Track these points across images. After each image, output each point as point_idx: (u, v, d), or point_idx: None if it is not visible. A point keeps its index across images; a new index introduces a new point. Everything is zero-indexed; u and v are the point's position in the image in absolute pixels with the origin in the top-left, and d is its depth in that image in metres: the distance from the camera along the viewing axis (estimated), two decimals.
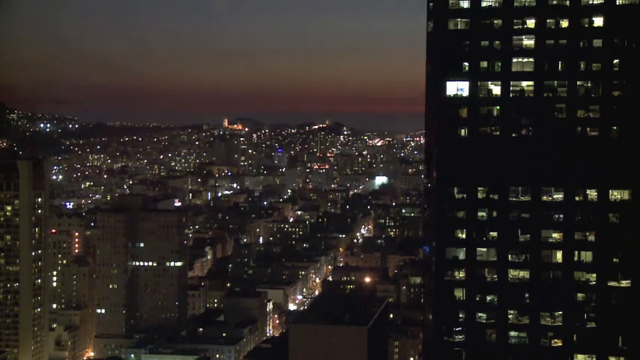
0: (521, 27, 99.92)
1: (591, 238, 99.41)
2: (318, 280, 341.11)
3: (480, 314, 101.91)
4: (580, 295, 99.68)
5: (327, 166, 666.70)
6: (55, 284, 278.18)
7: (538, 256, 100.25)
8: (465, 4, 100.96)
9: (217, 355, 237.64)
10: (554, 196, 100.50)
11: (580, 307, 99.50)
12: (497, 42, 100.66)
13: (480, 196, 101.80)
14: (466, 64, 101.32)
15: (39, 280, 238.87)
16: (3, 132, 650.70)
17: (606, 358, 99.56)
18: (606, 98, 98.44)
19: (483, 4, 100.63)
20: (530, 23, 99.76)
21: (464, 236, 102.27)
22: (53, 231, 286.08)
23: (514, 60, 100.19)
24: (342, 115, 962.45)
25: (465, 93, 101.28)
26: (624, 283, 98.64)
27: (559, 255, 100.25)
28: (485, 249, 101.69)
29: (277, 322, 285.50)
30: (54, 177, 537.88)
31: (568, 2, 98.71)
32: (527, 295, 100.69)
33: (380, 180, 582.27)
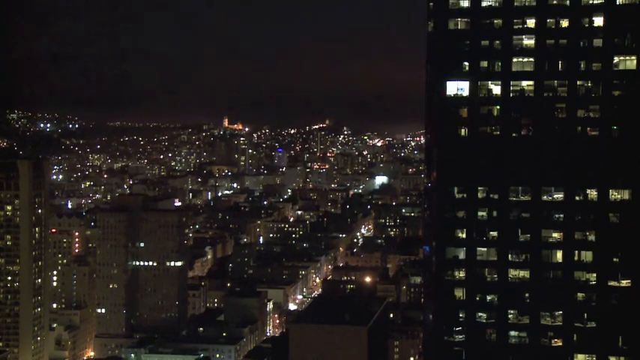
0: (521, 27, 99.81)
1: (591, 238, 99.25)
2: (318, 280, 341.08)
3: (479, 314, 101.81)
4: (580, 295, 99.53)
5: (327, 166, 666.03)
6: (55, 284, 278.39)
7: (538, 256, 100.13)
8: (465, 4, 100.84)
9: (217, 355, 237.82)
10: (554, 196, 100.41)
11: (580, 307, 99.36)
12: (497, 42, 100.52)
13: (480, 196, 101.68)
14: (466, 63, 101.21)
15: (39, 280, 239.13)
16: (3, 132, 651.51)
17: (606, 358, 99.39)
18: (606, 98, 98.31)
19: (483, 3, 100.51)
20: (531, 23, 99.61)
21: (464, 236, 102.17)
22: (53, 231, 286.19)
23: (514, 60, 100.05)
24: (342, 115, 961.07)
25: (465, 93, 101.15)
26: (624, 283, 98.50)
27: (559, 255, 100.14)
28: (485, 249, 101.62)
29: (277, 321, 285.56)
30: (54, 177, 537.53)
31: (568, 2, 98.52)
32: (527, 295, 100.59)
33: (380, 180, 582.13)
